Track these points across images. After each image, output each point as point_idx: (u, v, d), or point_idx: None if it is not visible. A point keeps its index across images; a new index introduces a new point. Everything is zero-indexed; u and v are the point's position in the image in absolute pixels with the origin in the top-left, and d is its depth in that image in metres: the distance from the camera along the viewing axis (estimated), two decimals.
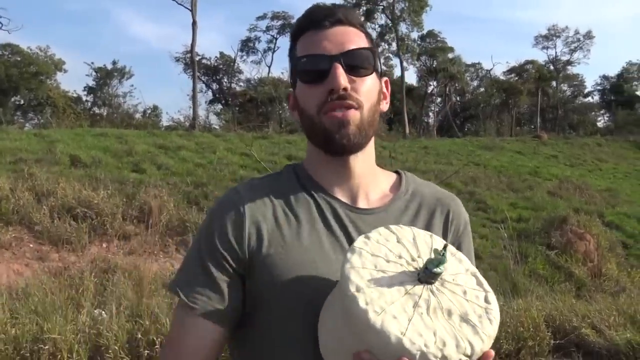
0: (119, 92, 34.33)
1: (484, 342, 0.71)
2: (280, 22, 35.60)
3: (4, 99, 25.72)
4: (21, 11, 57.97)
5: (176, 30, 68.53)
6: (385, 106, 1.01)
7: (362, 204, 0.96)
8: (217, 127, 24.73)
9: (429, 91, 36.98)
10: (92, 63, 33.26)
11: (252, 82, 33.50)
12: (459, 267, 0.82)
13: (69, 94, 29.73)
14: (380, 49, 34.95)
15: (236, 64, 36.19)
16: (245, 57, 37.25)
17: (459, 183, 11.78)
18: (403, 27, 32.24)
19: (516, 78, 37.02)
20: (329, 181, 0.96)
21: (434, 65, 34.44)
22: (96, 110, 32.51)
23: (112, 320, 4.24)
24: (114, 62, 33.75)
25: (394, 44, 33.26)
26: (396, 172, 1.08)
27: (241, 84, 34.90)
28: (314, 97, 0.91)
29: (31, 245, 6.39)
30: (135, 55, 67.46)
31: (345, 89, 0.88)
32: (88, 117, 26.19)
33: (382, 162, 11.42)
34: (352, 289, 0.72)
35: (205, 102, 34.76)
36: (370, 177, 0.99)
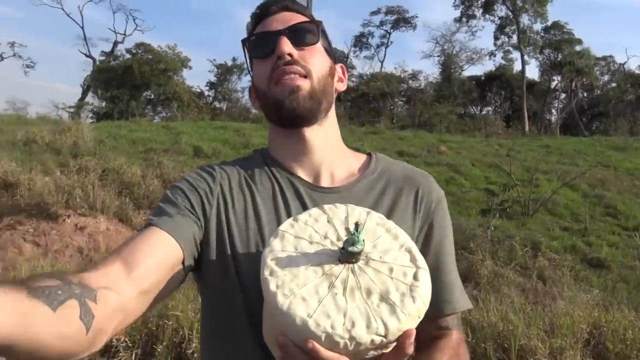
0: (238, 87, 36.13)
1: (402, 321, 0.68)
2: (394, 17, 35.27)
3: (137, 94, 28.05)
4: (152, 11, 63.04)
5: None
6: (341, 86, 1.03)
7: (325, 182, 0.96)
8: None
9: (552, 86, 34.60)
10: (214, 60, 35.28)
11: (364, 77, 33.53)
12: (393, 244, 0.79)
13: (193, 89, 31.76)
14: (499, 42, 33.40)
15: (349, 60, 36.43)
16: (358, 52, 37.40)
17: (585, 185, 10.89)
18: (525, 19, 30.52)
19: None
20: (290, 159, 0.97)
21: (559, 59, 32.13)
22: (217, 104, 34.47)
23: None
24: (234, 59, 35.55)
25: (515, 37, 31.57)
26: (368, 154, 1.07)
27: (353, 79, 35.10)
28: (264, 70, 0.94)
29: None
30: None
31: (290, 55, 0.92)
32: (209, 110, 27.86)
33: (499, 160, 10.82)
34: (266, 272, 0.73)
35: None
36: (335, 156, 0.99)
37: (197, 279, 0.96)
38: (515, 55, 32.74)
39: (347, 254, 0.73)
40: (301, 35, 0.95)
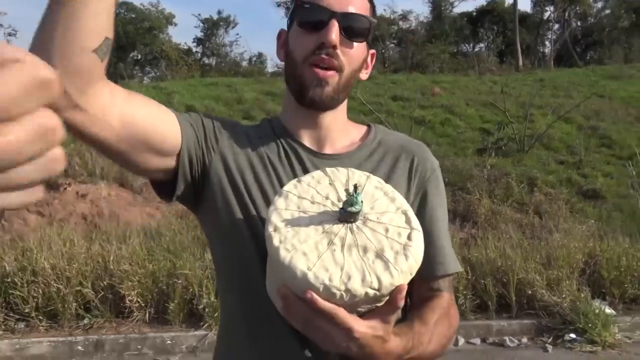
0: (226, 41, 35.40)
1: (394, 277, 0.74)
2: None
3: (123, 55, 27.53)
4: None
5: None
6: (364, 75, 1.05)
7: (327, 150, 1.02)
8: None
9: (544, 18, 33.93)
10: (199, 15, 34.44)
11: None
12: (389, 206, 0.84)
13: (180, 46, 31.18)
14: None
15: None
16: None
17: (580, 117, 10.89)
18: None
19: None
20: (298, 129, 1.02)
21: None
22: (205, 60, 33.89)
23: None
24: (219, 12, 34.71)
25: None
26: (368, 125, 1.11)
27: None
28: (304, 45, 0.95)
29: None
30: (238, 3, 68.55)
31: (334, 47, 0.93)
32: (199, 67, 27.40)
33: (494, 97, 10.73)
34: (270, 229, 0.78)
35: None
36: (339, 130, 1.04)
37: (204, 221, 1.02)
38: None
39: (346, 214, 0.78)
40: (353, 27, 0.95)
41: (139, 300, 4.28)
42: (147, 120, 0.84)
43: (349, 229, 0.78)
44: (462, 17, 32.84)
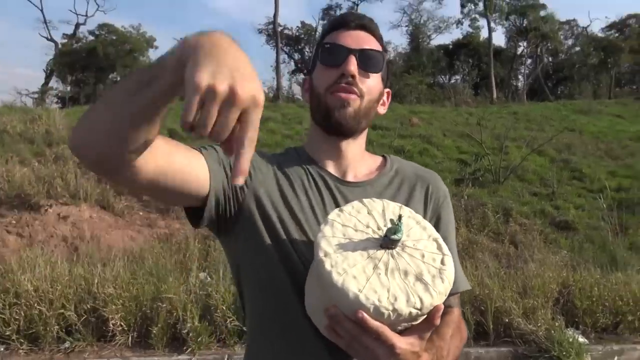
0: None
1: (434, 297, 0.83)
2: None
3: (103, 76, 27.45)
4: None
5: (257, 1, 69.11)
6: (382, 110, 1.18)
7: (350, 178, 1.13)
8: (300, 97, 25.10)
9: (518, 53, 35.08)
10: (180, 38, 34.48)
11: None
12: (422, 234, 0.95)
13: None
14: (466, 10, 33.54)
15: (317, 33, 36.15)
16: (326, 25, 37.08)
17: (552, 151, 11.27)
18: None
19: (617, 35, 34.15)
20: (323, 158, 1.13)
21: (524, 25, 32.53)
22: None
23: (220, 282, 4.60)
24: None
25: (481, 4, 31.74)
26: (383, 156, 1.24)
27: None
28: (326, 78, 1.08)
29: (141, 214, 6.98)
30: (219, 28, 68.81)
31: (353, 76, 1.06)
32: None
33: (470, 129, 11.00)
34: (321, 254, 0.86)
35: (288, 72, 35.19)
36: (359, 159, 1.16)
37: (232, 250, 1.10)
38: (482, 22, 32.99)
39: (389, 241, 0.88)
40: (368, 61, 1.08)
41: (122, 324, 4.27)
42: (177, 171, 0.91)
43: (390, 254, 0.88)
44: (439, 49, 33.72)
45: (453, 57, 33.77)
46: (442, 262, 0.89)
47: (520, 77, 36.44)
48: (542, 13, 32.48)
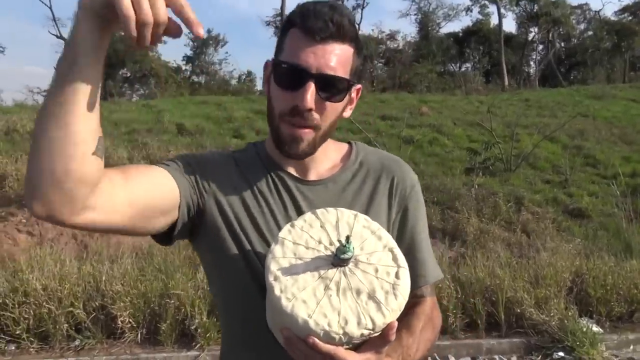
0: (215, 59, 35.60)
1: (386, 316, 0.82)
2: None
3: (112, 72, 27.53)
4: None
5: None
6: (348, 112, 1.07)
7: (312, 176, 1.07)
8: None
9: (529, 39, 34.61)
10: (189, 33, 34.53)
11: None
12: (377, 245, 0.91)
13: (169, 64, 31.27)
14: None
15: None
16: None
17: (565, 137, 11.11)
18: None
19: (630, 18, 33.58)
20: (283, 158, 1.06)
21: (535, 10, 32.08)
22: (195, 78, 34.00)
23: None
24: (209, 30, 34.88)
25: None
26: (349, 143, 1.16)
27: None
28: (281, 102, 0.98)
29: None
30: (227, 22, 69.09)
31: (310, 110, 0.95)
32: (188, 85, 27.52)
33: (480, 117, 10.88)
34: (271, 278, 0.85)
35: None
36: (321, 154, 1.07)
37: (201, 256, 1.09)
38: (492, 9, 32.65)
39: (340, 260, 0.86)
40: (329, 88, 0.96)
41: (130, 321, 4.27)
42: (148, 192, 0.90)
43: (343, 272, 0.86)
44: (448, 37, 33.41)
45: (463, 45, 33.46)
46: (397, 276, 0.87)
47: (532, 63, 35.99)
48: None
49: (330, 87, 0.96)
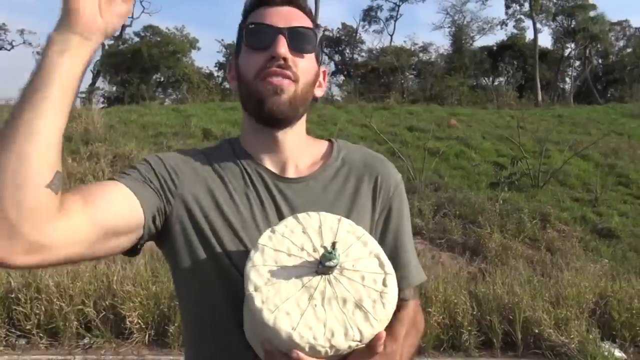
0: None
1: (374, 327, 0.76)
2: None
3: (146, 77, 28.07)
4: None
5: None
6: (319, 92, 1.05)
7: (291, 173, 1.01)
8: (339, 98, 25.06)
9: (565, 54, 33.91)
10: (222, 40, 35.11)
11: (374, 52, 33.17)
12: (363, 251, 0.85)
13: (202, 70, 31.72)
14: (511, 10, 32.73)
15: (358, 34, 36.02)
16: (367, 26, 36.89)
17: (597, 155, 10.78)
18: None
19: None
20: (259, 152, 1.01)
21: (572, 26, 31.42)
22: (226, 85, 34.40)
23: None
24: None
25: (527, 4, 30.90)
26: (329, 140, 1.11)
27: (363, 54, 34.70)
28: (254, 63, 0.95)
29: None
30: None
31: (285, 59, 0.93)
32: (219, 91, 27.84)
33: (510, 132, 10.68)
34: (251, 288, 0.78)
35: (328, 73, 35.21)
36: (300, 149, 1.03)
37: (169, 262, 1.00)
38: (527, 23, 32.12)
39: (325, 268, 0.79)
40: (300, 40, 0.96)
41: (139, 321, 4.27)
42: (110, 217, 0.83)
43: (327, 280, 0.80)
44: (482, 50, 32.98)
45: (497, 59, 32.97)
46: (384, 283, 0.81)
47: (567, 79, 35.21)
48: (592, 13, 31.32)
49: (301, 40, 0.97)
